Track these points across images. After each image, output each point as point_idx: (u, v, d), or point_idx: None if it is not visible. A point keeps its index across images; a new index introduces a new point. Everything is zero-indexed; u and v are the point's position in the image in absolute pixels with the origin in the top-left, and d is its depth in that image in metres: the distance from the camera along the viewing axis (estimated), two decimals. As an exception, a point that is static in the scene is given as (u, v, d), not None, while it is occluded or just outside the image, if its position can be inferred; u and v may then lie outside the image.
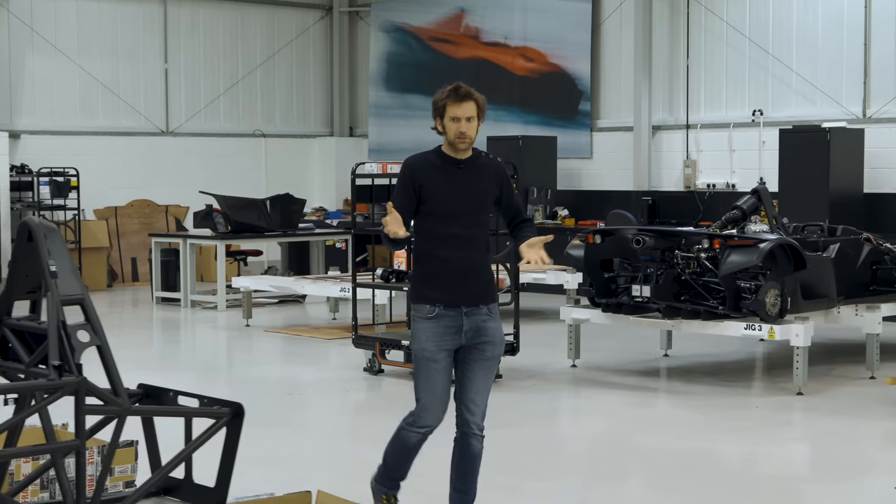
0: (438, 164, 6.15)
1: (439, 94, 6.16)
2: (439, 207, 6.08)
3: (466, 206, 6.11)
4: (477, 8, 21.09)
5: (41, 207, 18.97)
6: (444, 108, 6.11)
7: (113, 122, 20.73)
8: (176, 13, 21.36)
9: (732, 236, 11.04)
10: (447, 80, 20.30)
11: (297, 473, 7.68)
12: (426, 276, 6.14)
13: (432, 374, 6.06)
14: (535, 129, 19.96)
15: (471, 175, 6.14)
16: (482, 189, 6.16)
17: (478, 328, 6.09)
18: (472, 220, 6.14)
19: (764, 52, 17.64)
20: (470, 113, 6.10)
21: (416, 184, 6.09)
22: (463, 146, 6.11)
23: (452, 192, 6.09)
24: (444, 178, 6.10)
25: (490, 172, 6.22)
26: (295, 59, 22.78)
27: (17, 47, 19.72)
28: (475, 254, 6.16)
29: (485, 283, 6.19)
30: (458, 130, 6.08)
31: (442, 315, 6.06)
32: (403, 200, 6.09)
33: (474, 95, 6.14)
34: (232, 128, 22.01)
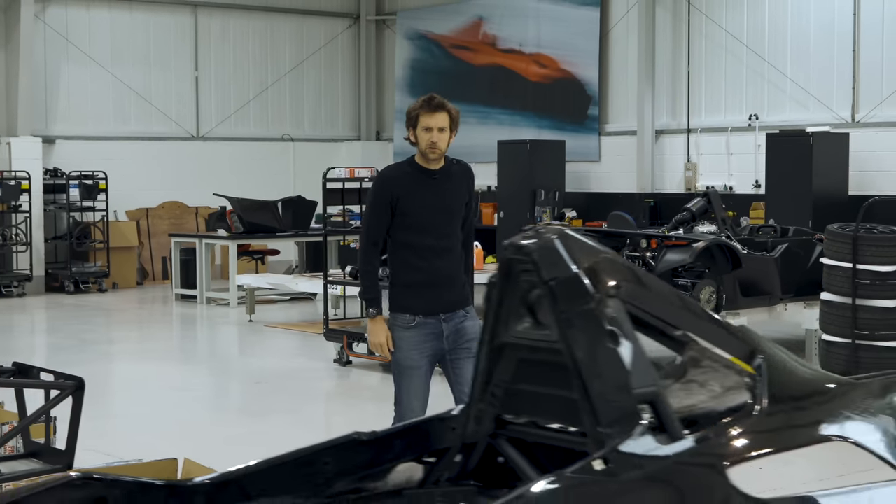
0: (413, 175, 6.23)
1: (412, 104, 6.27)
2: (415, 219, 6.13)
3: (442, 216, 6.18)
4: (494, 16, 21.78)
5: (72, 209, 19.97)
6: (417, 118, 6.19)
7: (145, 128, 21.68)
8: (206, 22, 22.28)
9: (669, 237, 11.65)
10: (467, 86, 21.14)
11: (235, 450, 8.46)
12: (404, 285, 6.22)
13: (415, 379, 6.16)
14: (547, 134, 20.61)
15: (445, 185, 6.22)
16: (456, 198, 6.25)
17: (458, 330, 6.20)
18: (447, 229, 6.22)
19: (760, 58, 18.15)
20: (442, 123, 6.15)
21: (393, 196, 6.14)
22: (433, 156, 6.18)
23: (428, 203, 6.15)
24: (420, 189, 6.16)
25: (462, 179, 6.31)
26: (323, 65, 23.61)
27: (53, 57, 20.74)
28: (451, 262, 6.24)
29: (460, 289, 6.28)
30: (430, 140, 6.14)
31: (422, 323, 6.17)
32: (380, 213, 6.17)
33: (447, 106, 6.19)
34: (261, 132, 22.88)
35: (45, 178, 20.03)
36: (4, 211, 19.32)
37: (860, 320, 10.33)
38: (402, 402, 6.20)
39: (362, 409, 10.56)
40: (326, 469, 3.33)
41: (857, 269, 10.30)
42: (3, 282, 19.16)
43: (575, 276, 3.02)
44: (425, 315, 6.18)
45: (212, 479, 3.27)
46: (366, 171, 12.62)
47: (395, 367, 6.25)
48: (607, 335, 2.99)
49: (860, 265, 10.30)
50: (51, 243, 20.25)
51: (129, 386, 12.13)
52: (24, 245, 19.45)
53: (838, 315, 10.47)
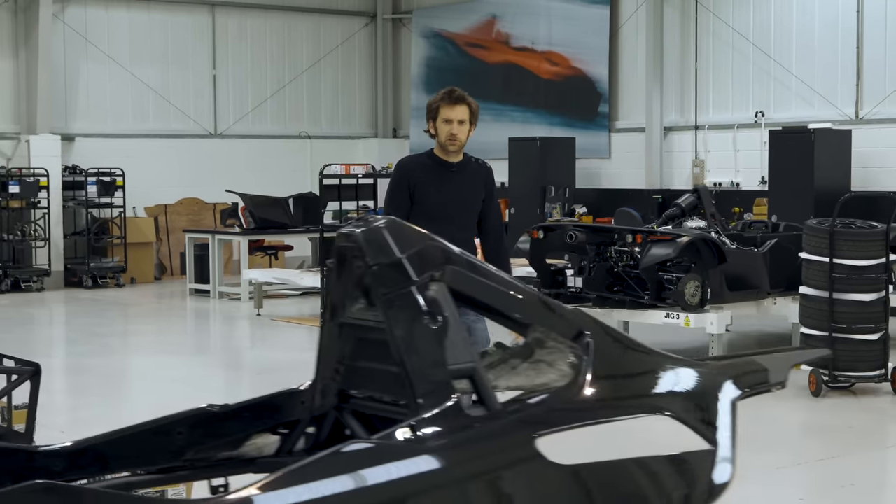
0: (431, 167, 6.28)
1: (433, 97, 6.29)
2: (431, 209, 6.18)
3: (457, 208, 6.23)
4: (507, 14, 22.01)
5: (90, 205, 20.35)
6: (438, 110, 6.20)
7: (163, 126, 22.04)
8: (224, 21, 22.62)
9: (654, 232, 11.86)
10: (481, 83, 21.44)
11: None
12: None
13: None
14: (559, 131, 20.82)
15: (462, 179, 6.26)
16: (472, 193, 6.29)
17: (467, 331, 6.45)
18: (462, 223, 6.25)
19: (766, 55, 18.30)
20: (462, 116, 6.17)
21: (411, 184, 6.21)
22: (453, 148, 6.22)
23: (444, 194, 6.21)
24: (437, 181, 6.21)
25: (479, 176, 6.37)
26: (340, 63, 23.91)
27: (72, 56, 21.12)
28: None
29: None
30: (450, 132, 6.17)
31: None
32: (399, 201, 6.21)
33: (468, 100, 6.21)
34: (278, 130, 23.20)
35: (64, 175, 20.41)
36: (23, 207, 19.72)
37: (837, 314, 10.49)
38: None
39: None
40: (180, 438, 3.60)
41: (833, 263, 10.48)
42: (23, 277, 19.56)
43: (398, 261, 3.29)
44: None
45: (71, 443, 3.54)
46: (361, 168, 12.89)
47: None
48: (426, 315, 3.25)
49: (837, 259, 10.47)
50: (70, 239, 20.64)
51: (137, 376, 12.44)
52: (43, 241, 19.84)
53: (816, 308, 10.65)
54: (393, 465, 2.95)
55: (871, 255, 10.51)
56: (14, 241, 19.71)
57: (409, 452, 2.98)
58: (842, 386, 10.70)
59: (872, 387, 10.73)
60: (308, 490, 2.86)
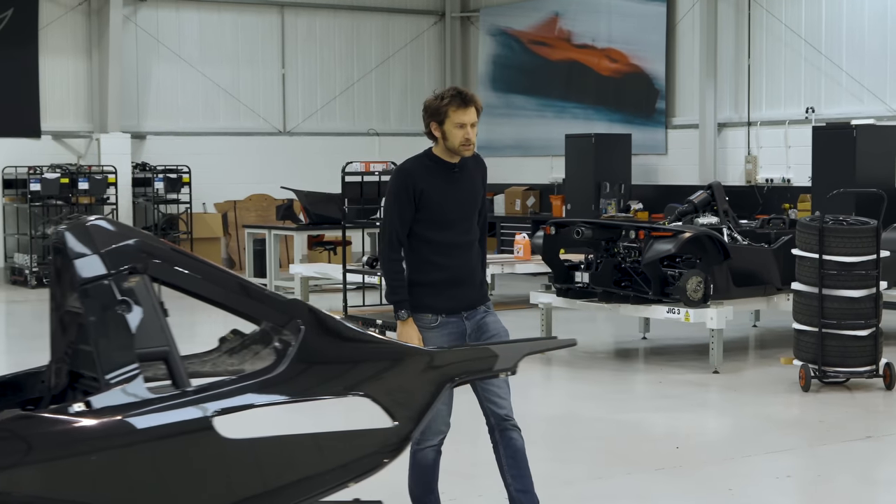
0: (434, 169, 5.96)
1: (436, 99, 5.94)
2: (437, 214, 5.93)
3: (463, 211, 6.00)
4: (569, 12, 22.22)
5: (159, 201, 21.03)
6: (447, 113, 5.86)
7: (233, 124, 22.65)
8: (293, 21, 23.16)
9: (656, 227, 12.03)
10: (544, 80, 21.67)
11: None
12: (425, 284, 5.96)
13: None
14: (618, 128, 20.99)
15: (465, 178, 6.02)
16: (476, 191, 6.07)
17: (479, 326, 6.02)
18: (467, 225, 6.04)
19: (817, 51, 18.28)
20: (474, 118, 5.90)
21: (417, 189, 5.89)
22: (468, 153, 5.96)
23: (450, 197, 5.95)
24: (442, 184, 5.94)
25: (477, 171, 6.13)
26: (409, 62, 24.31)
27: (144, 57, 21.82)
28: (472, 258, 6.09)
29: (481, 285, 6.15)
30: (465, 137, 5.88)
31: (444, 323, 5.96)
32: (402, 209, 5.93)
33: (476, 99, 5.96)
34: (347, 127, 23.68)
35: (134, 172, 21.11)
36: (92, 204, 20.44)
37: (827, 309, 10.59)
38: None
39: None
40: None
41: (823, 259, 10.57)
42: (91, 270, 20.26)
43: (95, 255, 3.64)
44: (447, 314, 5.97)
45: None
46: (380, 166, 13.24)
47: None
48: (119, 304, 3.60)
49: (826, 256, 10.57)
50: (140, 234, 21.30)
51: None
52: (111, 236, 20.53)
53: (807, 304, 10.75)
54: (63, 434, 3.31)
55: (861, 251, 10.58)
56: (84, 235, 20.42)
57: (80, 424, 3.36)
58: (835, 381, 10.78)
59: (867, 382, 10.80)
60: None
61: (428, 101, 5.98)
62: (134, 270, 3.67)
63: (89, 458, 3.42)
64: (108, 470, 3.44)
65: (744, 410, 10.20)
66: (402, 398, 3.95)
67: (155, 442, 3.52)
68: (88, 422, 3.45)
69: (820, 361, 10.63)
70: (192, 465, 3.57)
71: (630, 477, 7.88)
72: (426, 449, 5.93)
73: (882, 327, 10.78)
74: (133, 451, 3.48)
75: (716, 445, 8.92)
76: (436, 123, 5.91)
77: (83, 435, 3.43)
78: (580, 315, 13.97)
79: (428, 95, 6.09)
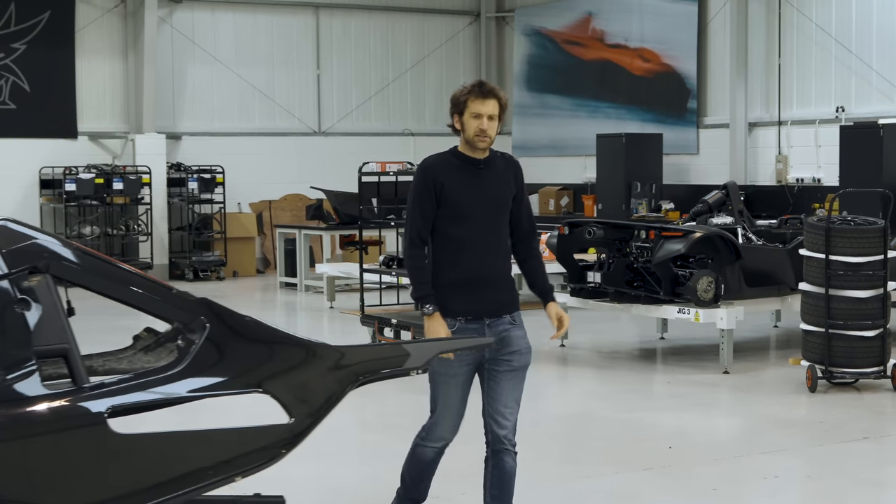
0: (457, 165, 5.79)
1: (460, 89, 5.83)
2: (459, 210, 5.74)
3: (487, 208, 5.78)
4: (602, 11, 22.21)
5: (194, 201, 21.25)
6: (466, 104, 5.73)
7: (268, 124, 22.82)
8: (328, 22, 23.30)
9: (667, 227, 12.03)
10: (578, 80, 21.72)
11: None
12: (445, 285, 5.73)
13: (452, 387, 5.76)
14: (650, 127, 20.96)
15: (490, 176, 5.80)
16: (502, 189, 5.83)
17: (502, 339, 5.77)
18: (492, 223, 5.80)
19: (847, 50, 18.18)
20: (492, 111, 5.72)
21: (437, 184, 5.73)
22: (482, 145, 5.74)
23: (473, 194, 5.75)
24: (464, 180, 5.75)
25: (507, 171, 5.89)
26: (444, 62, 24.39)
27: (180, 58, 22.04)
28: (497, 260, 5.84)
29: (507, 290, 5.88)
30: (479, 128, 5.69)
31: (463, 329, 5.74)
32: (424, 205, 5.77)
33: (498, 93, 5.78)
34: (382, 127, 23.79)
35: (169, 172, 21.33)
36: (127, 203, 20.68)
37: (833, 310, 10.56)
38: (435, 410, 5.85)
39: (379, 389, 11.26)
40: None
41: (829, 259, 10.54)
42: (126, 269, 20.50)
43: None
44: (468, 319, 5.75)
45: None
46: (396, 166, 13.33)
47: (432, 372, 5.74)
48: (16, 303, 3.70)
49: (833, 256, 10.54)
50: (175, 233, 21.56)
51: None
52: (146, 235, 20.79)
53: (814, 305, 10.72)
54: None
55: (868, 251, 10.54)
56: (118, 235, 20.68)
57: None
58: (843, 382, 10.75)
59: (876, 384, 10.76)
60: None
61: (453, 93, 5.88)
62: (35, 270, 3.78)
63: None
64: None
65: (747, 410, 10.19)
66: (303, 395, 4.05)
67: (47, 435, 3.64)
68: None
69: (827, 362, 10.60)
70: (81, 458, 3.67)
71: (616, 476, 7.91)
72: (428, 447, 5.88)
73: (890, 328, 10.72)
74: (24, 443, 3.59)
75: (710, 445, 8.93)
76: (457, 115, 5.79)
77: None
78: (604, 315, 13.99)
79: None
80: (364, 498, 7.44)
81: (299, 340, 4.33)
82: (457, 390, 5.76)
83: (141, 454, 3.77)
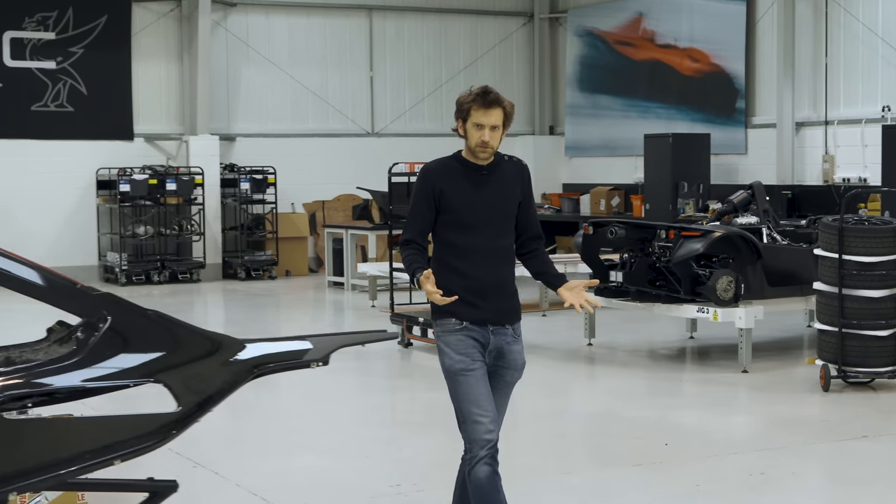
0: (459, 170, 5.69)
1: (465, 94, 5.67)
2: (461, 216, 5.60)
3: (490, 214, 5.63)
4: (652, 11, 22.23)
5: (247, 201, 21.58)
6: (469, 111, 5.62)
7: (321, 125, 23.11)
8: (381, 25, 23.54)
9: (686, 227, 12.09)
10: (628, 80, 21.86)
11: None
12: (447, 292, 5.48)
13: (472, 383, 5.51)
14: (700, 127, 20.95)
15: (494, 181, 5.67)
16: (507, 195, 5.68)
17: (500, 350, 5.64)
18: (496, 230, 5.65)
19: (893, 50, 18.06)
20: (496, 121, 5.58)
21: (436, 190, 5.62)
22: (483, 156, 5.64)
23: (475, 200, 5.61)
24: (466, 185, 5.64)
25: (514, 176, 5.75)
26: (498, 63, 24.53)
27: (234, 61, 22.40)
28: (500, 267, 5.67)
29: (510, 299, 5.72)
30: (481, 139, 5.59)
31: (469, 329, 5.58)
32: (422, 211, 5.65)
33: (503, 102, 5.62)
34: (435, 128, 23.96)
35: (223, 173, 21.69)
36: (180, 204, 21.06)
37: (847, 309, 10.57)
38: (465, 415, 5.53)
39: (406, 385, 11.50)
40: None
41: (843, 259, 10.55)
42: (179, 269, 20.91)
43: None
44: (472, 322, 5.58)
45: None
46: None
47: (447, 375, 5.58)
48: None
49: (846, 256, 10.55)
50: (229, 233, 21.91)
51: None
52: (198, 235, 21.16)
53: (828, 304, 10.74)
54: None
55: (881, 251, 10.54)
56: (171, 235, 21.07)
57: None
58: (858, 382, 10.75)
59: (891, 383, 10.76)
60: None
61: (459, 97, 5.73)
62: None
63: None
64: None
65: (755, 409, 10.25)
66: (195, 385, 4.23)
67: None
68: None
69: (840, 361, 10.61)
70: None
71: (601, 472, 8.03)
72: (479, 465, 5.45)
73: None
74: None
75: (706, 443, 8.99)
76: (461, 121, 5.68)
77: None
78: (637, 315, 14.03)
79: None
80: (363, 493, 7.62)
81: (202, 333, 4.51)
82: (479, 383, 5.51)
83: (23, 438, 3.98)
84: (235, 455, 8.76)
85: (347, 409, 10.57)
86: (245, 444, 9.17)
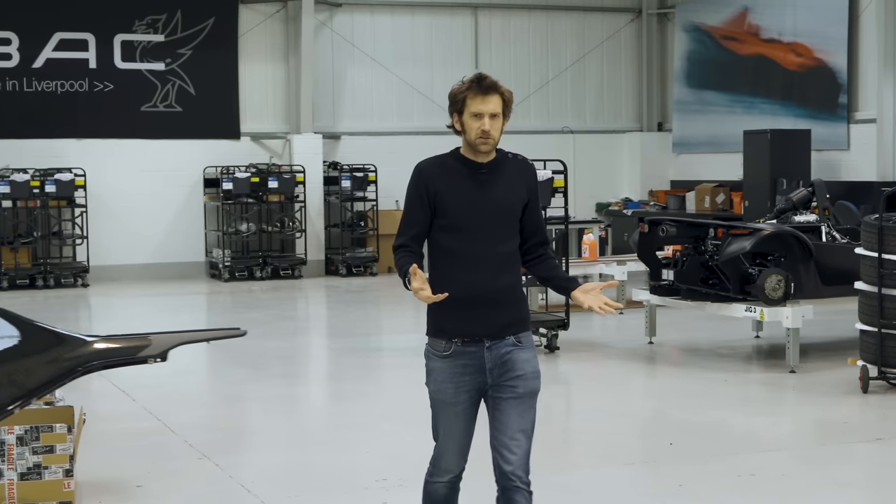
0: (456, 170, 5.22)
1: (458, 85, 5.24)
2: (456, 220, 5.15)
3: (489, 219, 5.16)
4: (758, 6, 21.92)
5: (349, 199, 21.91)
6: (464, 102, 5.17)
7: (427, 123, 23.25)
8: (487, 22, 23.65)
9: (734, 226, 11.96)
10: (734, 76, 21.77)
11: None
12: (442, 305, 5.04)
13: (452, 418, 5.23)
14: (803, 123, 20.61)
15: (496, 181, 5.21)
16: (509, 197, 5.22)
17: (504, 362, 5.17)
18: (497, 235, 5.18)
19: None
20: (495, 109, 5.16)
21: (430, 192, 5.17)
22: (485, 148, 5.19)
23: (474, 202, 5.16)
24: (464, 186, 5.18)
25: (519, 176, 5.29)
26: (605, 59, 24.42)
27: (340, 60, 22.73)
28: (501, 275, 5.18)
29: (513, 309, 5.23)
30: (481, 129, 5.14)
31: (459, 353, 5.16)
32: (415, 214, 5.22)
33: (500, 88, 5.21)
34: (541, 125, 23.98)
35: (326, 171, 22.05)
36: (282, 201, 21.48)
37: (886, 309, 10.36)
38: (437, 438, 5.32)
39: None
40: None
41: (882, 258, 10.35)
42: (281, 265, 21.33)
43: None
44: (464, 342, 5.14)
45: None
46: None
47: (431, 400, 5.31)
48: None
49: (886, 255, 10.34)
50: (332, 230, 22.26)
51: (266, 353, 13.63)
52: (300, 232, 21.54)
53: (869, 304, 10.55)
54: None
55: (921, 250, 10.30)
56: (274, 232, 21.50)
57: None
58: (897, 383, 10.55)
59: (937, 385, 10.52)
60: None
61: (451, 89, 5.27)
62: None
63: None
64: None
65: (785, 410, 10.13)
66: (19, 378, 4.41)
67: None
68: None
69: (879, 362, 10.41)
70: None
71: (592, 471, 8.04)
72: (437, 483, 5.32)
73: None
74: None
75: (712, 443, 8.90)
76: (457, 115, 5.21)
77: None
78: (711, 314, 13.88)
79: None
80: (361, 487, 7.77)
81: (41, 330, 4.67)
82: (458, 419, 5.21)
83: None
84: (242, 449, 8.98)
85: (346, 407, 10.72)
86: (252, 438, 9.40)
